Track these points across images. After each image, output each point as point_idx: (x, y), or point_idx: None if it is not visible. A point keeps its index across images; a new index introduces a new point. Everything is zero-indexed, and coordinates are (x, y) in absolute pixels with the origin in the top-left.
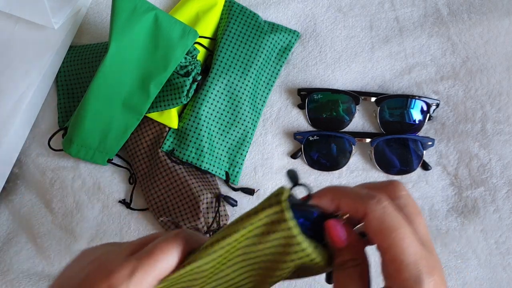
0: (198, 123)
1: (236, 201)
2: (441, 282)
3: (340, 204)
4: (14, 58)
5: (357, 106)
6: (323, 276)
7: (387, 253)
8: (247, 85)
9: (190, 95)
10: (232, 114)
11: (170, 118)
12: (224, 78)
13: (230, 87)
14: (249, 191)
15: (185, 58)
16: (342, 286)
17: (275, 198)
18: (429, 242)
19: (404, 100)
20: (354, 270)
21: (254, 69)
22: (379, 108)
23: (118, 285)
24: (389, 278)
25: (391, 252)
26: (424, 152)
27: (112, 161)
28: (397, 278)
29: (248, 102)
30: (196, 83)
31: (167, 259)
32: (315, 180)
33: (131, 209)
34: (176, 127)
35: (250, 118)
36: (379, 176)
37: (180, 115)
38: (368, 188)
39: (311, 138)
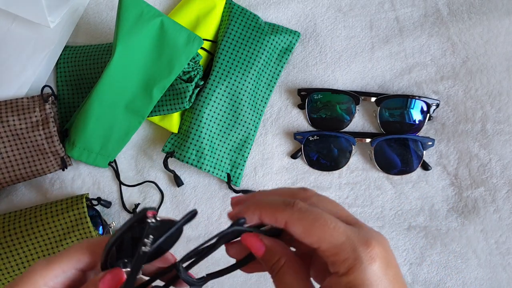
0: (199, 125)
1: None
2: (383, 252)
3: (261, 216)
4: (10, 56)
5: (357, 106)
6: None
7: (319, 246)
8: (248, 87)
9: (192, 100)
10: (233, 116)
11: (171, 122)
12: (225, 81)
13: (231, 89)
14: None
15: (188, 64)
16: (285, 284)
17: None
18: (355, 220)
19: (404, 100)
20: (287, 267)
21: (255, 70)
22: (379, 108)
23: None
24: (331, 266)
25: (321, 242)
26: (424, 152)
27: (113, 164)
28: (337, 262)
29: (249, 103)
30: (198, 88)
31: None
32: (315, 180)
33: (129, 212)
34: (176, 131)
35: (251, 119)
36: (379, 176)
37: (180, 117)
38: (282, 195)
39: (311, 138)
